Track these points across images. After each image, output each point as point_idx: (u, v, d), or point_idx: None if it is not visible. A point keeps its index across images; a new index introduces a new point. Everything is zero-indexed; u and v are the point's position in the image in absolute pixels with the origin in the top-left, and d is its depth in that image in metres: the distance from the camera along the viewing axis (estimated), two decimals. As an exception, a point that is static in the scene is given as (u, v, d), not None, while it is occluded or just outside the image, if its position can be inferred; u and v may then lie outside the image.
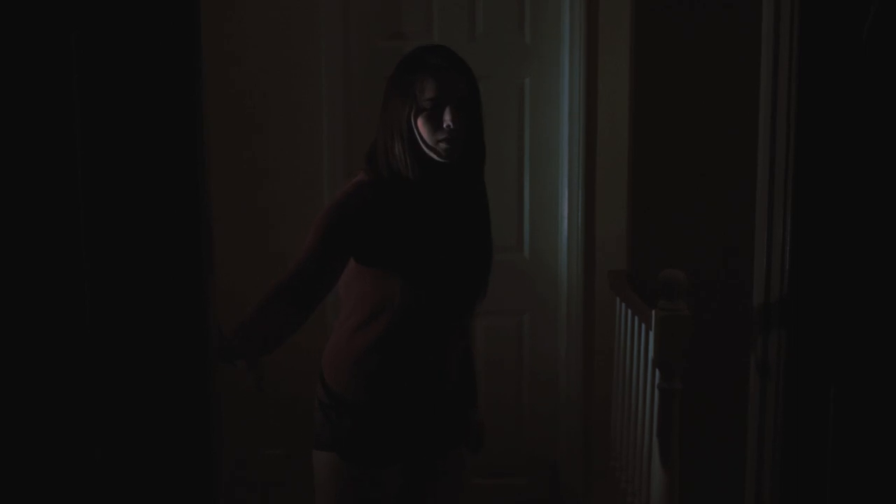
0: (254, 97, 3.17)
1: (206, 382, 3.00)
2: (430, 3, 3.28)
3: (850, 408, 2.75)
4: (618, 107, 3.23)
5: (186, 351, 2.92)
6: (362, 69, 3.25)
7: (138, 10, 2.84)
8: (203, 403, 2.98)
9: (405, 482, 2.10)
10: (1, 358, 2.51)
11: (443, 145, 1.89)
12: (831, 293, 2.77)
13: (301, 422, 3.13)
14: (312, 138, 3.19)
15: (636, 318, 2.67)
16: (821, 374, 2.78)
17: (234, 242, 3.13)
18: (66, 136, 2.65)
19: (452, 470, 2.15)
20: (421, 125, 1.90)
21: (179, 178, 2.93)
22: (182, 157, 2.93)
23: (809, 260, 2.80)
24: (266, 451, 3.11)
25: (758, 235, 2.94)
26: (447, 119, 1.88)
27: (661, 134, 3.24)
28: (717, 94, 3.20)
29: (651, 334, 2.33)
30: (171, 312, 2.90)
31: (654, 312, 2.30)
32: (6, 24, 2.57)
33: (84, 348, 2.67)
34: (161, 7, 2.89)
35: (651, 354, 2.36)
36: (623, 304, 2.87)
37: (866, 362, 2.74)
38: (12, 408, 2.51)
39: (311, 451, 2.09)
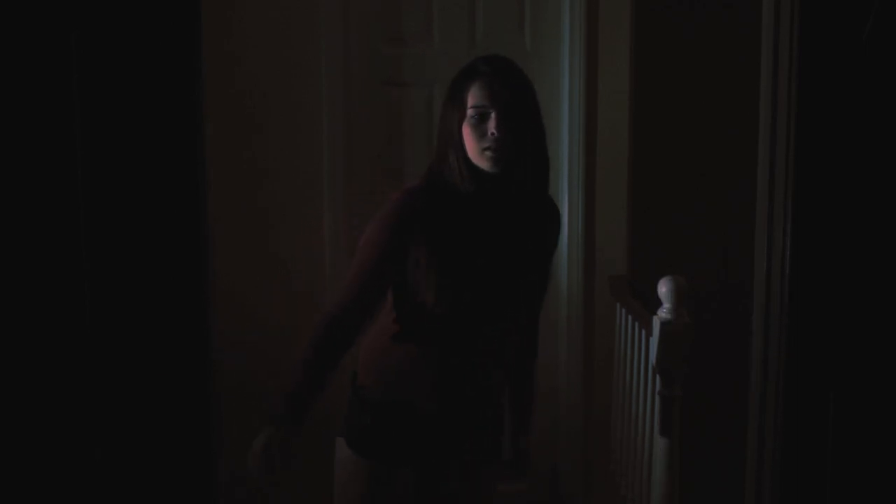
0: (254, 97, 3.15)
1: (205, 382, 3.01)
2: (430, 5, 3.27)
3: (850, 410, 2.76)
4: (618, 108, 3.22)
5: (186, 351, 2.93)
6: (362, 70, 3.24)
7: (138, 11, 2.83)
8: (203, 403, 2.99)
9: (423, 491, 2.09)
10: (1, 358, 2.52)
11: (488, 153, 1.84)
12: (831, 297, 2.77)
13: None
14: (312, 138, 3.18)
15: (637, 323, 2.67)
16: (820, 377, 2.79)
17: (234, 242, 3.13)
18: (65, 135, 2.65)
19: (479, 493, 2.12)
20: (467, 133, 1.86)
21: (179, 177, 2.93)
22: (182, 157, 2.93)
23: (809, 264, 2.81)
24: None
25: (758, 240, 2.94)
26: (491, 126, 1.83)
27: (661, 135, 3.24)
28: (718, 94, 3.19)
29: (652, 340, 2.32)
30: (171, 313, 2.90)
31: (654, 319, 2.29)
32: (6, 24, 2.56)
33: (84, 348, 2.68)
34: (161, 7, 2.88)
35: (651, 360, 2.35)
36: (623, 310, 2.87)
37: (865, 365, 2.75)
38: (13, 408, 2.52)
39: (310, 451, 2.10)
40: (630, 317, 2.75)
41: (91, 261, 2.74)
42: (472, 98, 1.85)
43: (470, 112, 1.85)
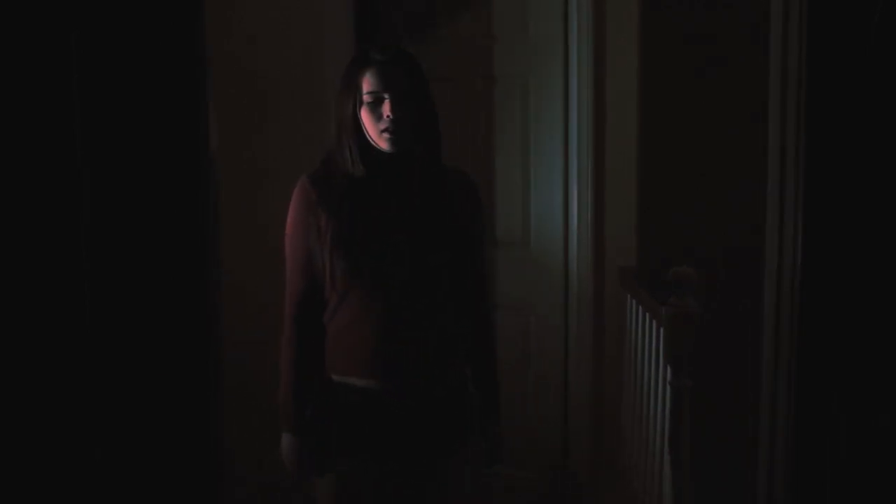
0: (255, 97, 3.15)
1: (208, 382, 2.97)
2: (437, 3, 3.28)
3: (860, 403, 2.74)
4: (626, 102, 3.22)
5: (187, 351, 2.90)
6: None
7: (139, 11, 2.81)
8: (205, 403, 2.96)
9: (388, 476, 2.09)
10: (1, 358, 2.49)
11: (385, 135, 1.98)
12: (843, 293, 2.76)
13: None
14: (315, 138, 3.17)
15: (647, 314, 2.66)
16: (831, 374, 2.77)
17: (236, 243, 3.11)
18: (66, 135, 2.63)
19: (445, 480, 2.12)
20: (365, 117, 1.99)
21: (181, 177, 2.91)
22: (185, 157, 2.91)
23: (820, 261, 2.80)
24: (267, 451, 3.08)
25: (768, 236, 2.93)
26: (386, 110, 1.96)
27: (670, 129, 3.24)
28: (726, 89, 3.20)
29: (662, 330, 2.31)
30: (174, 312, 2.87)
31: (663, 308, 2.29)
32: (7, 24, 2.55)
33: (84, 348, 2.65)
34: (163, 7, 2.86)
35: (661, 351, 2.34)
36: (633, 301, 2.86)
37: (876, 364, 2.73)
38: (13, 408, 2.48)
39: None
40: (640, 307, 2.74)
41: (92, 261, 2.71)
42: (367, 85, 1.99)
43: (366, 98, 1.98)
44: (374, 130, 1.99)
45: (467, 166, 3.23)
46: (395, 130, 1.97)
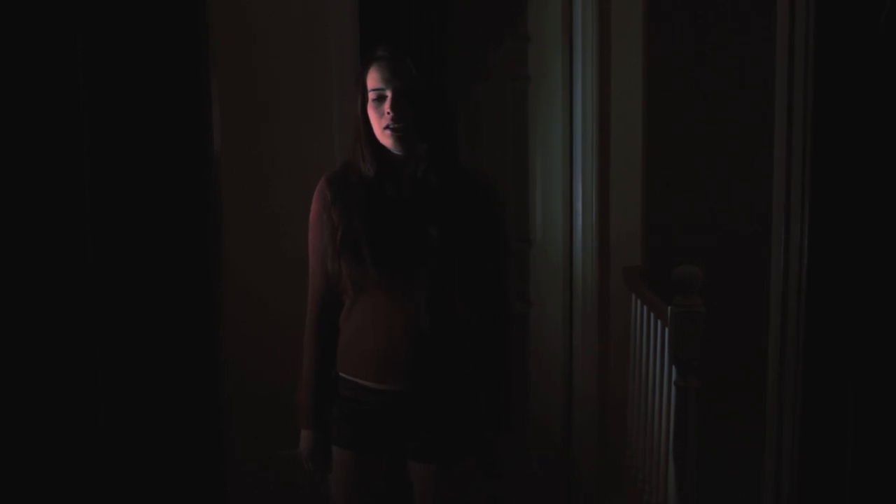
0: (262, 96, 3.14)
1: (215, 383, 2.97)
2: (445, 2, 3.27)
3: (869, 402, 2.73)
4: (631, 100, 3.20)
5: (194, 351, 2.89)
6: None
7: (144, 11, 2.81)
8: (212, 404, 2.96)
9: (392, 478, 2.10)
10: (4, 358, 2.49)
11: (387, 132, 1.94)
12: (849, 286, 2.74)
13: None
14: (322, 137, 3.17)
15: (652, 314, 2.64)
16: (839, 369, 2.75)
17: (243, 243, 3.11)
18: (72, 136, 2.63)
19: (452, 481, 2.09)
20: (371, 115, 1.96)
21: (187, 178, 2.90)
22: (189, 157, 2.90)
23: (826, 254, 2.78)
24: (279, 451, 3.09)
25: (774, 229, 2.91)
26: (387, 107, 1.93)
27: (674, 128, 3.22)
28: (731, 86, 3.18)
29: (667, 330, 2.30)
30: (176, 312, 2.87)
31: (669, 308, 2.27)
32: (13, 25, 2.55)
33: (87, 348, 2.65)
34: (167, 8, 2.85)
35: (667, 351, 2.33)
36: (638, 301, 2.85)
37: (885, 355, 2.72)
38: (15, 406, 2.49)
39: None
40: (645, 307, 2.73)
41: (97, 259, 2.71)
42: (371, 81, 1.95)
43: (370, 95, 1.95)
44: (378, 128, 1.94)
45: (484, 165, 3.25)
46: (395, 128, 1.92)
